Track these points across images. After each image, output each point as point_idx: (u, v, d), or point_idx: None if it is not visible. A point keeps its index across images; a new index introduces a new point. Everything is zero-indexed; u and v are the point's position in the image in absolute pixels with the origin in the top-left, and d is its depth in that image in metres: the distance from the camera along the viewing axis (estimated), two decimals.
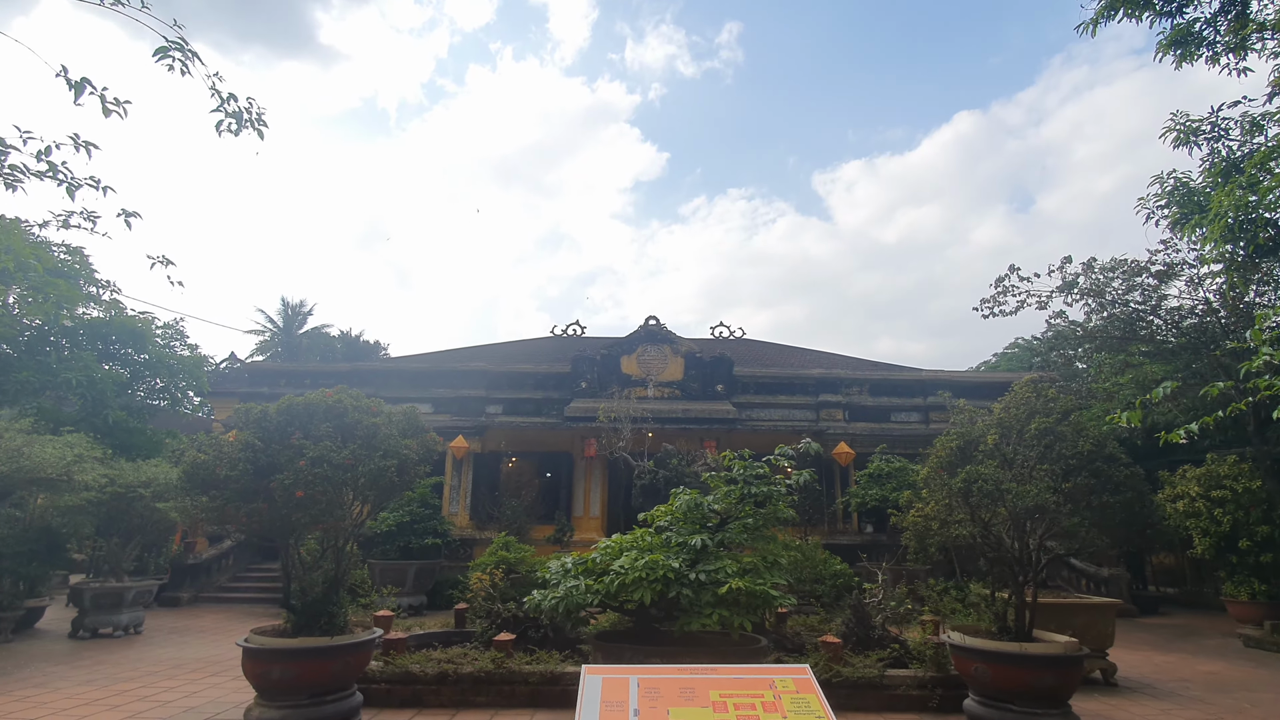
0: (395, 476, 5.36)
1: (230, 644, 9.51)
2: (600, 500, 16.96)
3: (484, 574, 8.39)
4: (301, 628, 5.54)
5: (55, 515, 10.48)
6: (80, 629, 9.80)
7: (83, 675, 7.35)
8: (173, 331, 12.93)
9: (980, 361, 34.47)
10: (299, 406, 5.39)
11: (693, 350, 17.93)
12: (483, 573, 8.99)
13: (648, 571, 4.73)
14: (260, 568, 16.17)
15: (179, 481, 5.27)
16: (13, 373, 9.85)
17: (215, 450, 5.15)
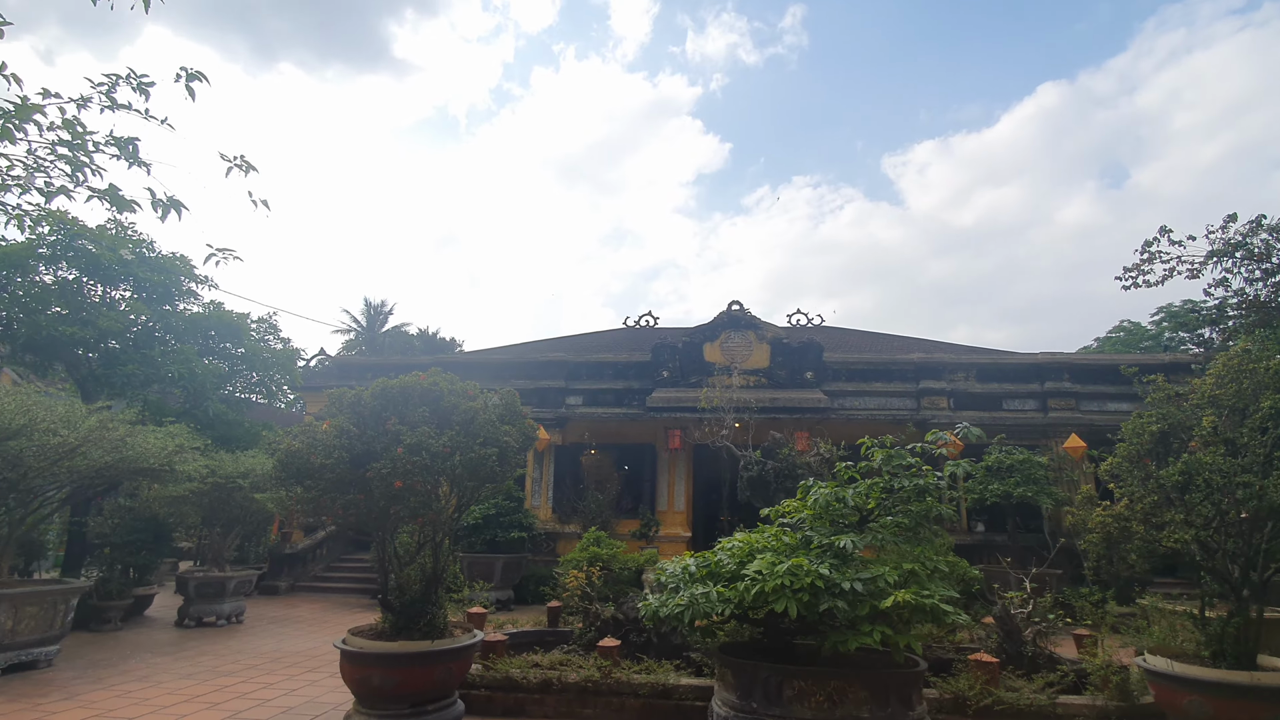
0: (496, 465, 4.83)
1: (326, 636, 9.42)
2: (685, 494, 16.26)
3: (579, 571, 7.84)
4: (400, 629, 5.10)
5: (162, 505, 10.75)
6: (185, 617, 9.96)
7: (185, 667, 7.29)
8: (266, 326, 13.15)
9: (1080, 347, 31.50)
10: (394, 390, 4.93)
11: (779, 336, 16.92)
12: (577, 570, 8.46)
13: (791, 578, 4.00)
14: (352, 558, 16.41)
15: (274, 471, 4.93)
16: (120, 366, 10.10)
17: (309, 438, 4.76)
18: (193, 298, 12.07)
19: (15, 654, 6.67)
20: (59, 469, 6.91)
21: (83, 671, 6.95)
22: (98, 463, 7.15)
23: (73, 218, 10.42)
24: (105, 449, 7.12)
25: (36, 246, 10.19)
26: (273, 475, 4.99)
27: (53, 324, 9.62)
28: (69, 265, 10.65)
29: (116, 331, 10.46)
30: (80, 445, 6.83)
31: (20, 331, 9.75)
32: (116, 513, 11.43)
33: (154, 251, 11.52)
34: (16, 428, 6.29)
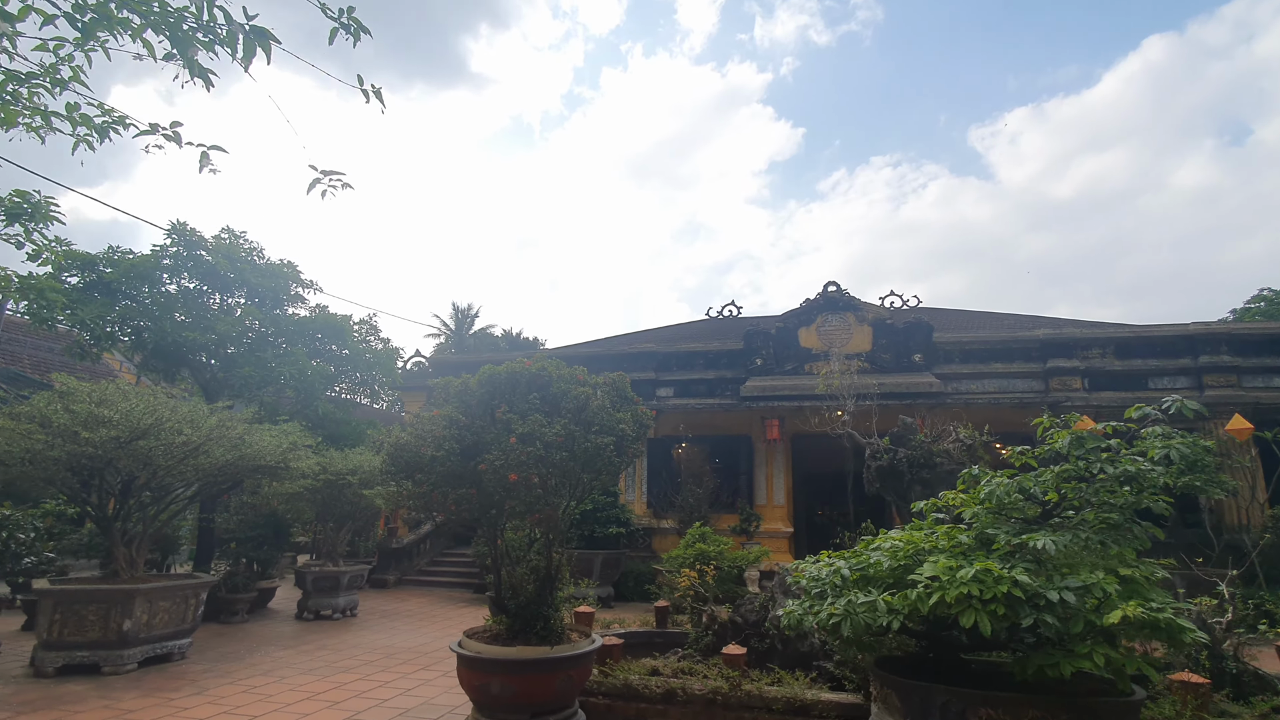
0: (612, 455, 4.38)
1: (435, 632, 9.41)
2: (785, 487, 15.45)
3: (690, 570, 7.33)
4: (516, 633, 4.76)
5: (280, 502, 11.17)
6: (304, 610, 10.26)
7: (305, 662, 7.36)
8: (367, 327, 13.48)
9: (1216, 320, 27.72)
10: (501, 377, 4.58)
11: (881, 317, 15.74)
12: (688, 568, 7.96)
13: (978, 586, 3.30)
14: (455, 553, 16.71)
15: (383, 465, 4.71)
16: (238, 369, 10.51)
17: (419, 429, 4.48)
18: (300, 302, 12.50)
19: (151, 647, 6.91)
20: (185, 467, 7.11)
21: (212, 664, 7.13)
22: (219, 460, 7.32)
23: (191, 228, 10.95)
24: (226, 447, 7.28)
25: (161, 258, 10.77)
26: (382, 470, 4.77)
27: (177, 330, 10.13)
28: (190, 276, 11.23)
29: (233, 336, 10.92)
30: (203, 444, 7.00)
31: (149, 339, 10.33)
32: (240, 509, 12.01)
33: (263, 259, 11.98)
34: (145, 427, 6.48)
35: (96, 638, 6.61)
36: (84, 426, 6.14)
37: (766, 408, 14.99)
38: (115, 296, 10.19)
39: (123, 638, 6.64)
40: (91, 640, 6.59)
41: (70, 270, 10.02)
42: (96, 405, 6.29)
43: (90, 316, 9.48)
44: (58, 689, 6.04)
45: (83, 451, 6.20)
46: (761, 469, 15.74)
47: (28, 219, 6.11)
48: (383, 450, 4.89)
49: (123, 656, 6.65)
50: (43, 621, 6.53)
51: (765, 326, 16.34)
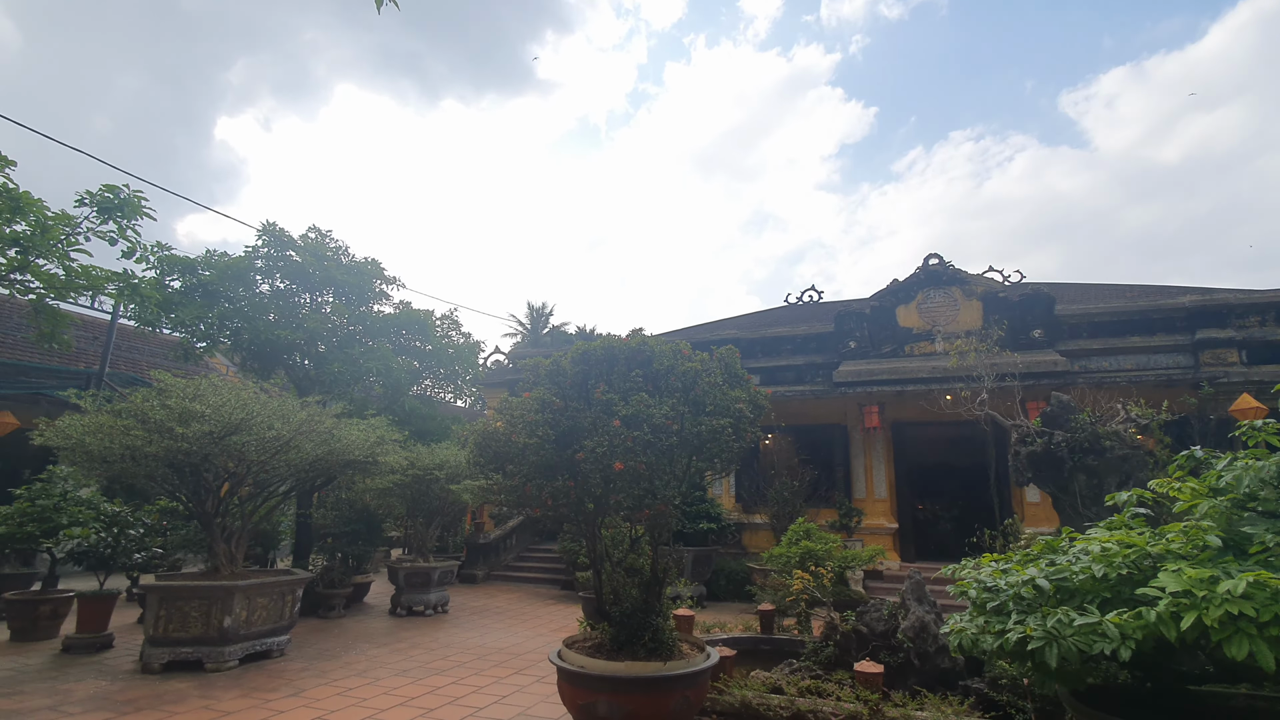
0: (730, 439, 3.72)
1: (526, 631, 9.07)
2: (886, 480, 14.28)
3: (801, 571, 6.57)
4: (622, 644, 4.18)
5: (372, 497, 11.20)
6: (397, 606, 10.20)
7: (399, 662, 7.12)
8: (449, 322, 13.40)
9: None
10: (596, 353, 4.01)
11: (993, 290, 14.24)
12: (796, 568, 7.20)
13: (1253, 605, 2.43)
14: (541, 548, 16.55)
15: (471, 457, 4.25)
16: (327, 366, 10.57)
17: (509, 415, 3.97)
18: (384, 299, 12.53)
19: (251, 644, 6.85)
20: (277, 462, 7.01)
21: (309, 663, 7.01)
22: (309, 456, 7.19)
23: (280, 228, 11.12)
24: (316, 442, 7.14)
25: (254, 259, 10.98)
26: (470, 461, 4.32)
27: (270, 329, 10.27)
28: (281, 276, 11.42)
29: (323, 334, 11.01)
30: (293, 438, 6.87)
31: (245, 339, 10.55)
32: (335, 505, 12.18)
33: (349, 257, 12.06)
34: (236, 422, 6.38)
35: (199, 634, 6.59)
36: (179, 421, 6.09)
37: (864, 393, 13.87)
38: (213, 299, 10.46)
39: (223, 634, 6.60)
40: (195, 636, 6.58)
41: (172, 274, 10.36)
42: (190, 400, 6.24)
43: (189, 317, 9.74)
44: (162, 686, 6.01)
45: (178, 447, 6.15)
46: (859, 460, 14.63)
47: (118, 213, 6.09)
48: (468, 442, 4.46)
49: (224, 653, 6.60)
50: (149, 617, 6.57)
51: (858, 307, 15.18)
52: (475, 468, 4.39)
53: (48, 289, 6.47)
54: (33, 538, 7.78)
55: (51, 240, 6.10)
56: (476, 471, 4.39)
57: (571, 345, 4.39)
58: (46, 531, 7.84)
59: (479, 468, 4.37)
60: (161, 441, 6.10)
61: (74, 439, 6.05)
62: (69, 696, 5.63)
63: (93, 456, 6.17)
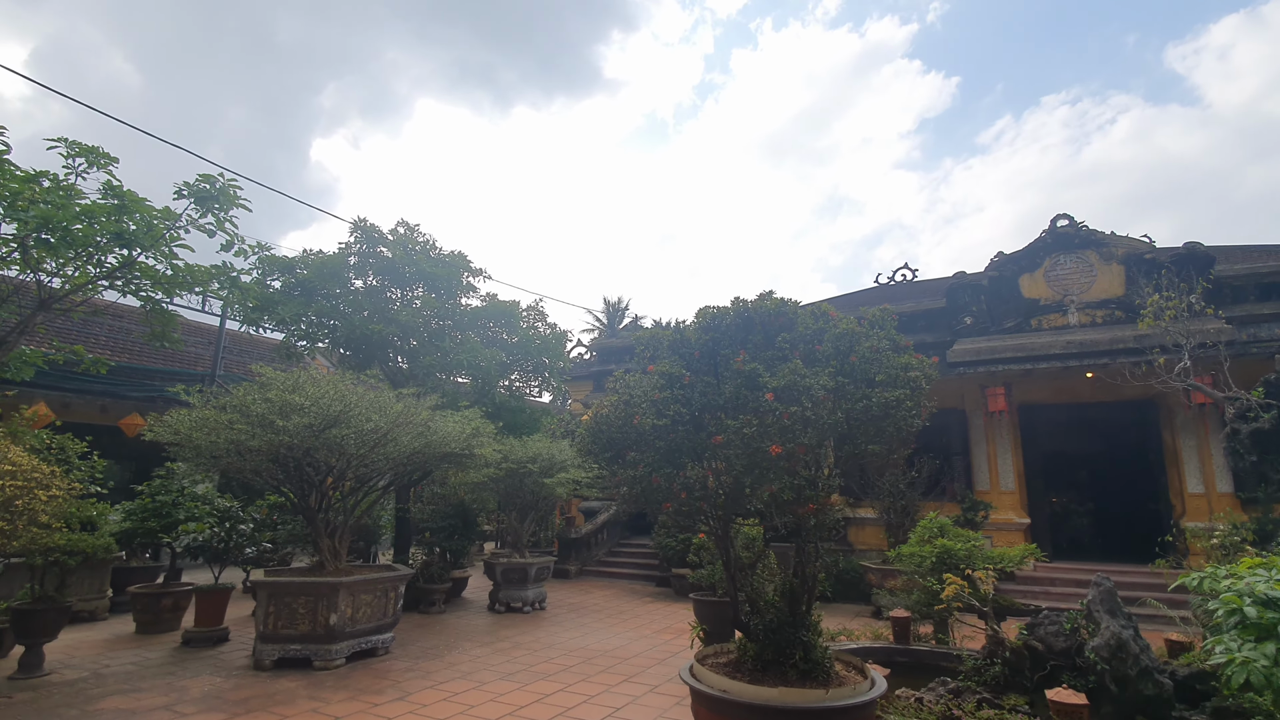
0: (910, 415, 2.96)
1: (629, 632, 8.56)
2: (1014, 469, 12.83)
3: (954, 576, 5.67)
4: (768, 663, 3.52)
5: (466, 491, 11.08)
6: (495, 602, 9.98)
7: (502, 664, 6.76)
8: (535, 313, 13.14)
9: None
10: (727, 318, 3.37)
11: (1137, 251, 12.46)
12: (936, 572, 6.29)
13: None
14: (632, 543, 16.13)
15: (583, 445, 3.69)
16: (420, 360, 10.48)
17: (626, 394, 3.38)
18: (472, 291, 12.40)
19: (357, 641, 6.68)
20: (376, 455, 6.81)
21: (414, 662, 6.77)
22: (407, 449, 6.96)
23: (371, 224, 11.13)
24: (413, 434, 6.90)
25: (347, 255, 11.05)
26: (583, 450, 3.77)
27: (364, 325, 10.27)
28: (373, 273, 11.47)
29: (415, 329, 10.94)
30: (390, 430, 6.63)
31: (341, 335, 10.63)
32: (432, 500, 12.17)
33: (437, 251, 11.98)
34: (335, 414, 6.18)
35: (306, 631, 6.47)
36: (279, 414, 5.94)
37: (985, 374, 12.48)
38: (311, 297, 10.60)
39: (330, 632, 6.45)
40: (302, 633, 6.47)
41: (272, 274, 10.57)
42: (289, 392, 6.09)
43: (289, 315, 9.87)
44: (272, 685, 5.89)
45: (280, 441, 6.01)
46: (981, 448, 13.24)
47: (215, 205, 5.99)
48: (575, 435, 3.93)
49: (331, 651, 6.45)
50: (259, 613, 6.51)
51: (974, 279, 13.73)
52: (588, 456, 3.84)
53: (155, 287, 6.49)
54: (153, 533, 8.00)
55: (156, 236, 6.09)
56: (589, 461, 3.83)
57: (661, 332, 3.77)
58: (166, 527, 8.04)
59: (592, 457, 3.82)
60: (264, 435, 5.97)
61: (181, 434, 6.03)
62: (184, 695, 5.58)
63: (200, 452, 6.14)
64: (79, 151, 6.03)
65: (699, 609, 6.30)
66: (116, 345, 14.80)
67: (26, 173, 5.78)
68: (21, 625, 6.01)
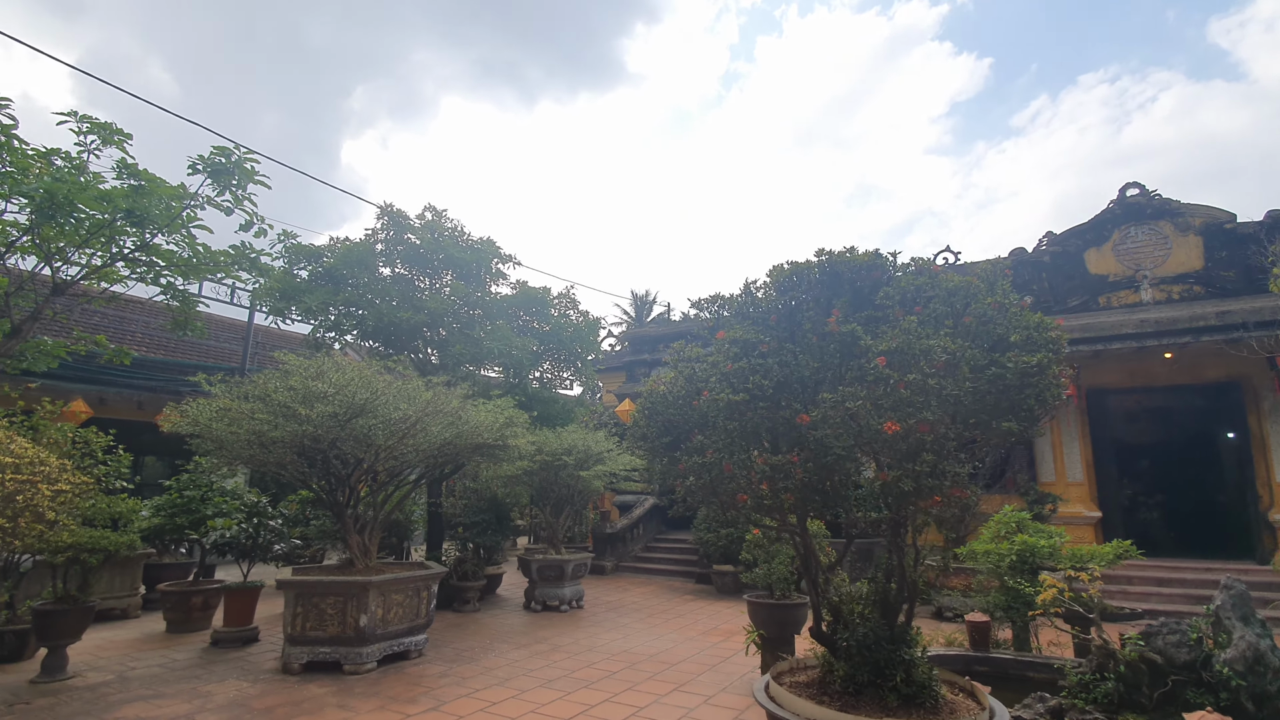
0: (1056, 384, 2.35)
1: (673, 633, 8.04)
2: (1081, 458, 11.95)
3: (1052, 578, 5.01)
4: (862, 686, 2.96)
5: (499, 485, 10.68)
6: (531, 600, 9.56)
7: (541, 668, 6.31)
8: (566, 300, 12.67)
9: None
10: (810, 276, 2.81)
11: (1217, 221, 11.45)
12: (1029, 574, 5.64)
13: None
14: (669, 537, 15.63)
15: (638, 426, 3.17)
16: (449, 349, 10.09)
17: (685, 368, 2.84)
18: (501, 278, 11.98)
19: (389, 644, 6.30)
20: (405, 447, 6.40)
21: (448, 666, 6.36)
22: (437, 439, 6.53)
23: (398, 209, 10.77)
24: (443, 423, 6.47)
25: (374, 242, 10.71)
26: (637, 434, 3.25)
27: (393, 312, 9.91)
28: (401, 261, 11.11)
29: (443, 316, 10.55)
30: (420, 419, 6.21)
31: (369, 325, 10.29)
32: (464, 494, 11.83)
33: (465, 238, 11.58)
34: (361, 402, 5.78)
35: (336, 633, 6.10)
36: (302, 402, 5.55)
37: None
38: (338, 285, 10.29)
39: (360, 634, 6.07)
40: (332, 636, 6.10)
41: (299, 263, 10.28)
42: (312, 378, 5.70)
43: (316, 304, 9.56)
44: (299, 691, 5.52)
45: (304, 431, 5.62)
46: (1045, 435, 12.36)
47: (231, 180, 5.61)
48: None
49: (361, 654, 6.07)
50: (287, 614, 6.16)
51: (1035, 255, 12.83)
52: (643, 443, 3.31)
53: (174, 271, 6.16)
54: (181, 529, 7.75)
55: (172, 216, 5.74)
56: (644, 448, 3.30)
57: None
58: (194, 523, 7.79)
59: (645, 444, 3.29)
60: (287, 426, 5.59)
61: (201, 425, 5.68)
62: (207, 702, 5.23)
63: (222, 444, 5.80)
64: (91, 128, 5.71)
65: (755, 612, 5.75)
66: (151, 342, 14.81)
67: (37, 150, 5.48)
68: (43, 626, 5.75)
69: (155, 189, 5.59)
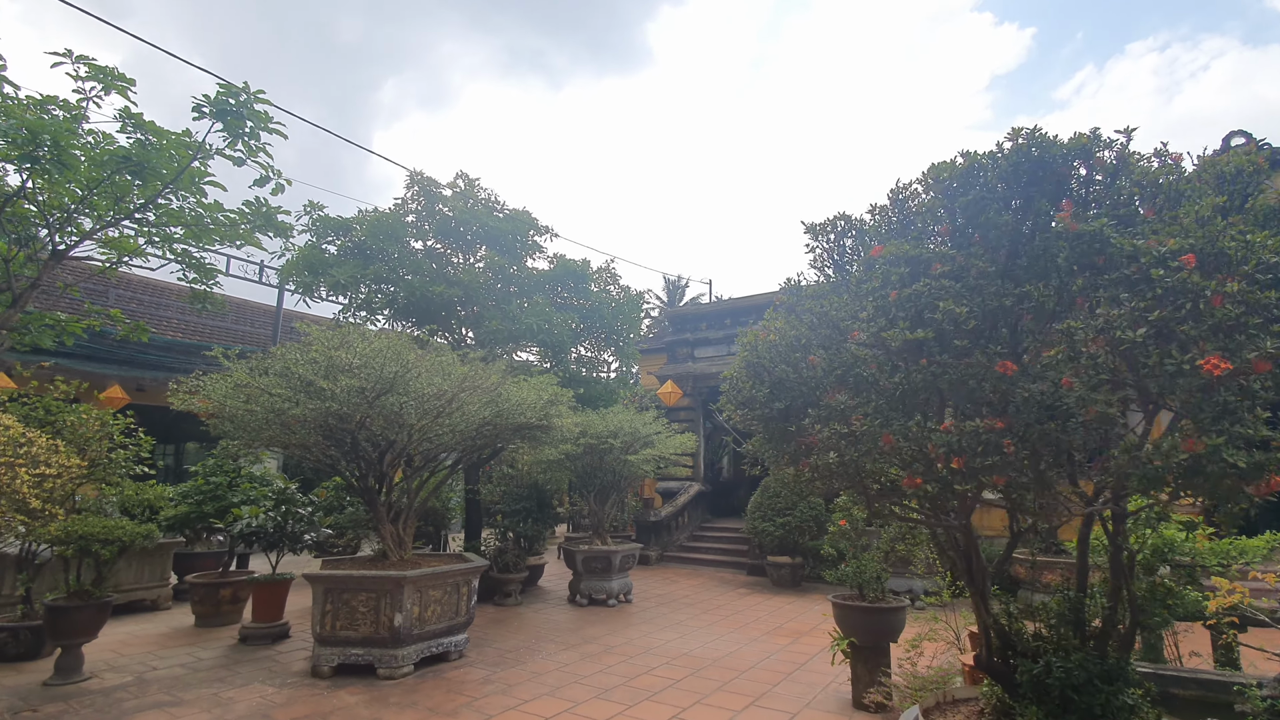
0: None
1: (734, 632, 7.29)
2: None
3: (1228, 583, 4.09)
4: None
5: (539, 471, 10.04)
6: (576, 593, 8.91)
7: (595, 674, 5.61)
8: (607, 274, 11.91)
9: None
10: (990, 167, 1.91)
11: None
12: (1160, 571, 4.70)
13: None
14: (715, 525, 14.87)
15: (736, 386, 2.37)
16: (485, 324, 9.43)
17: (816, 306, 2.01)
18: (538, 251, 11.26)
19: (426, 645, 5.68)
20: (440, 427, 5.73)
21: (491, 670, 5.71)
22: (475, 418, 5.85)
23: (428, 177, 10.14)
24: (481, 400, 5.77)
25: (404, 214, 10.10)
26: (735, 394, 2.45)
27: (425, 285, 9.30)
28: (433, 234, 10.50)
29: (478, 290, 9.90)
30: (456, 395, 5.53)
31: (401, 302, 9.71)
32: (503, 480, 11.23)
33: (500, 208, 10.90)
34: (390, 376, 5.11)
35: (369, 633, 5.50)
36: (324, 376, 4.90)
37: None
38: (368, 260, 9.71)
39: (395, 634, 5.45)
40: (364, 636, 5.50)
41: (327, 236, 9.74)
42: (335, 348, 5.05)
43: (345, 277, 8.99)
44: (328, 700, 4.92)
45: (327, 409, 4.98)
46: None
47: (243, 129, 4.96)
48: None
49: (396, 657, 5.45)
50: (315, 611, 5.58)
51: None
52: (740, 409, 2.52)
53: (186, 234, 5.57)
54: (206, 517, 7.27)
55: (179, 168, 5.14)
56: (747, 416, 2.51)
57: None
58: (220, 511, 7.30)
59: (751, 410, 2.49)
60: (308, 403, 4.95)
61: (215, 402, 5.09)
62: (228, 711, 4.67)
63: (238, 423, 5.20)
64: (91, 71, 5.12)
65: (844, 616, 4.94)
66: (188, 328, 14.57)
67: (32, 97, 4.92)
68: (55, 623, 5.27)
69: (157, 135, 5.00)
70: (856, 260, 2.40)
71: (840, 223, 2.44)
